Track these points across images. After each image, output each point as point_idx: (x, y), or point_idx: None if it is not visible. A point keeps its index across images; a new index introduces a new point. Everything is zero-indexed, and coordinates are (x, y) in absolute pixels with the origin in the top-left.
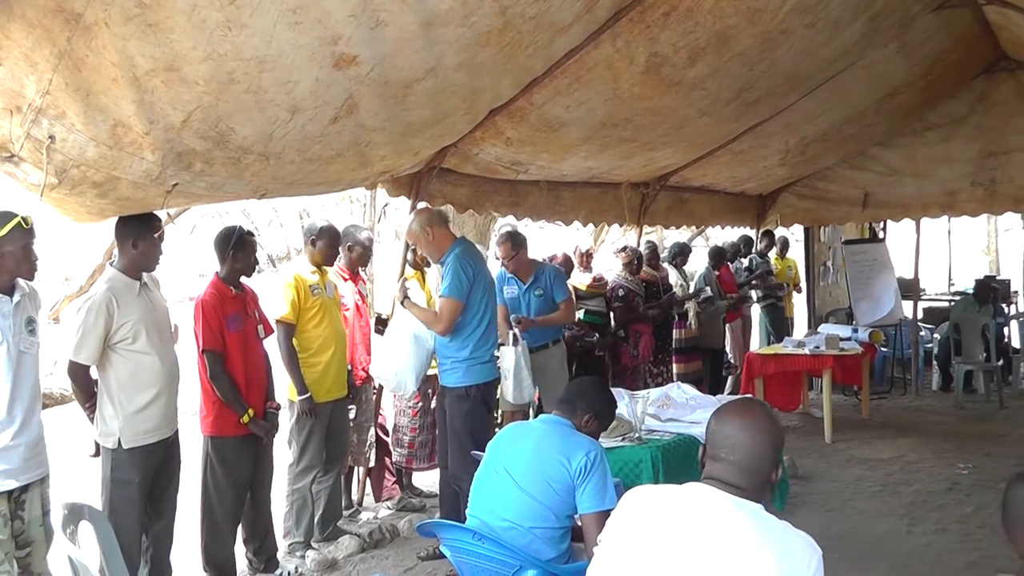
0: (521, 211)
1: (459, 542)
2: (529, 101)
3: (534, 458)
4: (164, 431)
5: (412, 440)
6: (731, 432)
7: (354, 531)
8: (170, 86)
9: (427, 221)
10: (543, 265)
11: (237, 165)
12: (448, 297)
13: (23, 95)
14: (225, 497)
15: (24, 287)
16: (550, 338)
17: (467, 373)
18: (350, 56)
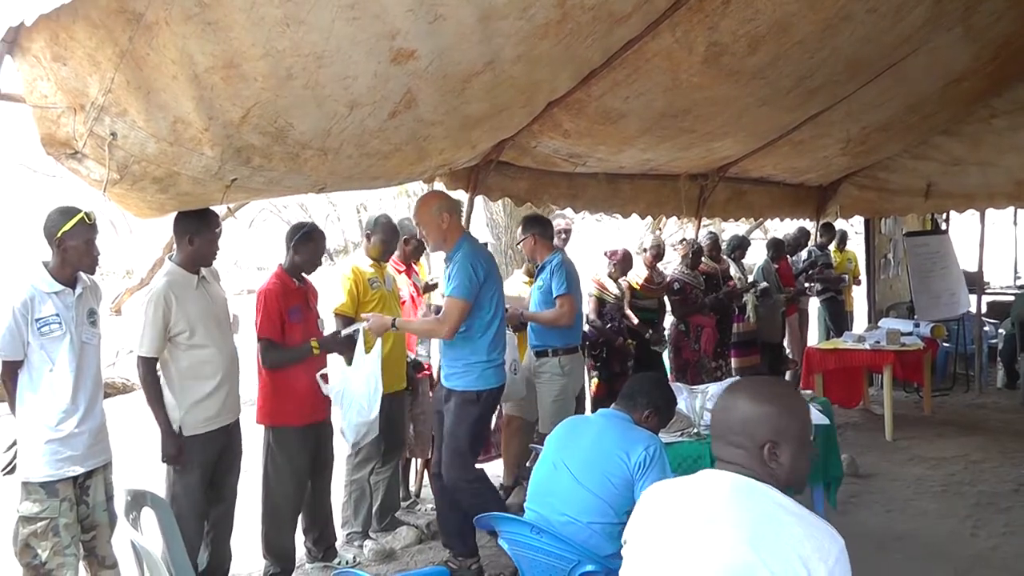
0: (579, 204)
1: (517, 536)
2: (587, 93)
3: (593, 452)
4: (225, 418)
5: None
6: (720, 415)
7: (412, 522)
8: (229, 83)
9: (444, 207)
10: (553, 254)
11: (295, 160)
12: (456, 298)
13: (86, 93)
14: (284, 486)
15: (85, 280)
16: (549, 344)
17: (481, 377)
18: (408, 51)
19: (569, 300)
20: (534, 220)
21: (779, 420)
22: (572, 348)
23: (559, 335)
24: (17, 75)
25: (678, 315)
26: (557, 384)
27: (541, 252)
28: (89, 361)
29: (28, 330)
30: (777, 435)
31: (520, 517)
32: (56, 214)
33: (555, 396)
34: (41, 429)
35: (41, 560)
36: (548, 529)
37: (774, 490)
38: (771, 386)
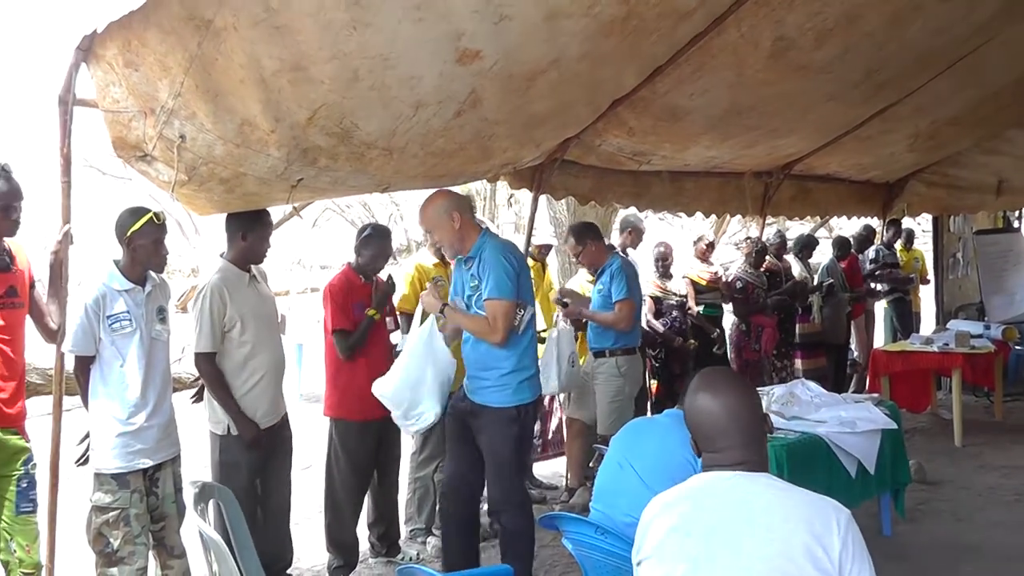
0: (643, 202)
1: (581, 536)
2: (652, 90)
3: (659, 454)
4: (270, 418)
5: None
6: (710, 418)
7: None
8: (296, 85)
9: (453, 206)
10: (613, 258)
11: (361, 160)
12: (498, 299)
13: (156, 98)
14: (347, 479)
15: (155, 278)
16: (606, 345)
17: (518, 390)
18: (473, 51)
19: (628, 305)
20: (586, 228)
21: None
22: (630, 349)
23: (617, 336)
24: (91, 81)
25: (739, 314)
26: (614, 385)
27: (600, 257)
28: (158, 357)
29: (100, 327)
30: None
31: (584, 517)
32: (126, 214)
33: (612, 397)
34: (113, 423)
35: (113, 548)
36: (613, 530)
37: (771, 477)
38: (725, 376)
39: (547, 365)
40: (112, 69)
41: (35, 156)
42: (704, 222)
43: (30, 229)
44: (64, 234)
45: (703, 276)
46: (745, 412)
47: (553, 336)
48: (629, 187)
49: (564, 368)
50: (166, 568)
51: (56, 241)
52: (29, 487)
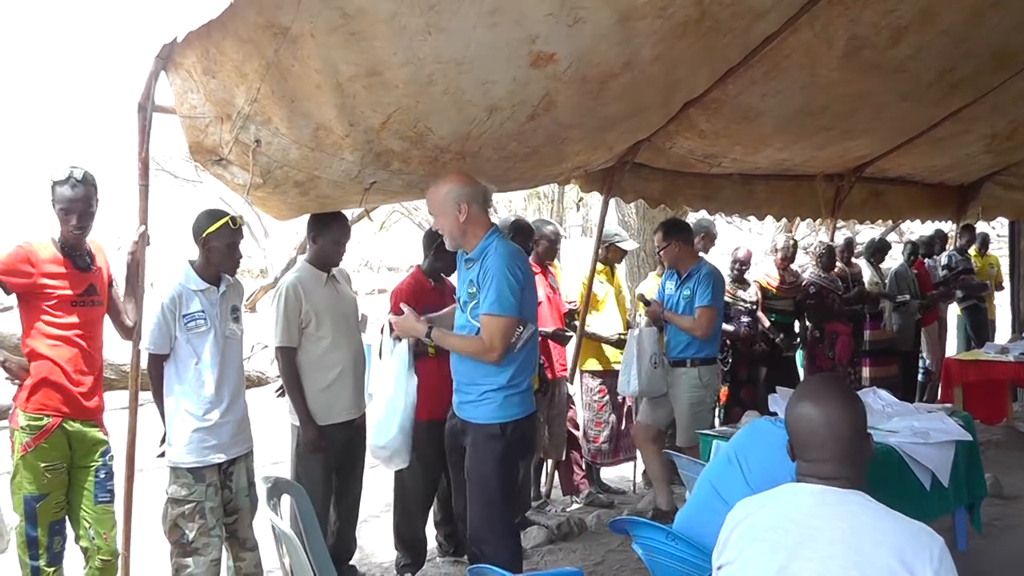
0: (713, 205)
1: (652, 541)
2: (724, 92)
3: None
4: (349, 413)
5: (597, 435)
6: (809, 426)
7: (542, 522)
8: (371, 90)
9: (464, 196)
10: (702, 263)
11: (434, 163)
12: (498, 316)
13: (233, 104)
14: (416, 478)
15: (228, 278)
16: (687, 354)
17: (504, 405)
18: (548, 54)
19: (709, 313)
20: (677, 226)
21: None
22: (710, 360)
23: (699, 346)
24: (169, 88)
25: (813, 320)
26: (696, 396)
27: (685, 260)
28: (232, 355)
29: (175, 325)
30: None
31: (655, 522)
32: (204, 216)
33: (693, 408)
34: (188, 419)
35: (188, 539)
36: (684, 535)
37: (864, 495)
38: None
39: (627, 365)
40: (190, 76)
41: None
42: (773, 226)
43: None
44: (140, 235)
45: (771, 283)
46: (845, 425)
47: (634, 335)
48: (699, 190)
49: (645, 369)
50: (239, 560)
51: (133, 242)
52: (107, 478)
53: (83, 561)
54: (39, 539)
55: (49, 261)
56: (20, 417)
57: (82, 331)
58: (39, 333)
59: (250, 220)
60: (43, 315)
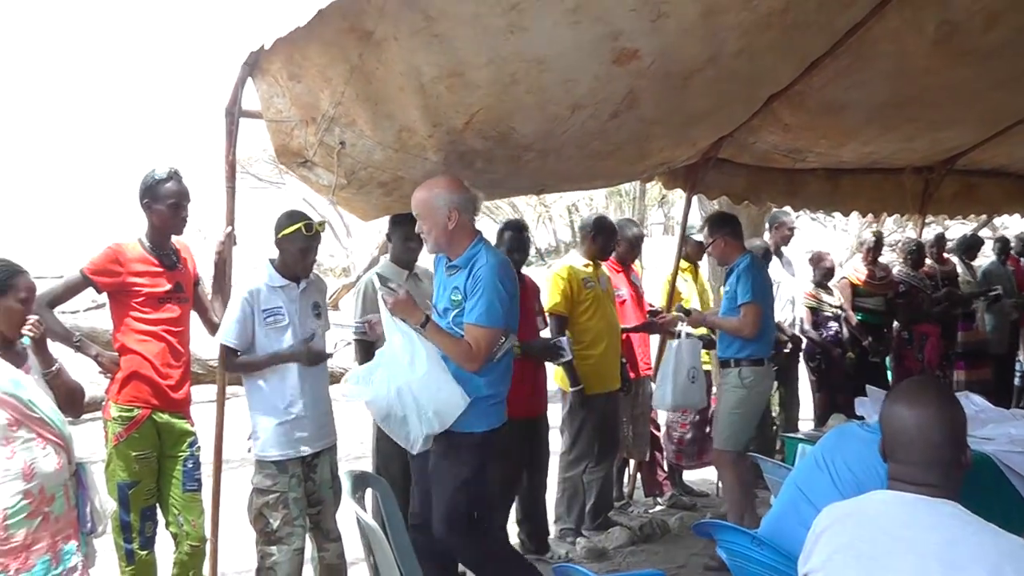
0: (798, 201)
1: (737, 546)
2: (808, 84)
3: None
4: None
5: (681, 436)
6: (901, 426)
7: (624, 523)
8: (454, 91)
9: (455, 203)
10: (742, 257)
11: (517, 163)
12: (486, 327)
13: (318, 107)
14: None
15: (313, 276)
16: (731, 354)
17: (478, 415)
18: (631, 51)
19: (753, 310)
20: (723, 220)
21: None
22: (757, 360)
23: (742, 345)
24: (255, 94)
25: (903, 321)
26: (735, 397)
27: (731, 254)
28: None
29: (256, 321)
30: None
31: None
32: (283, 217)
33: (731, 409)
34: (272, 413)
35: (272, 528)
36: (770, 541)
37: (958, 506)
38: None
39: (664, 378)
40: (276, 82)
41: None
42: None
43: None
44: (227, 235)
45: (861, 278)
46: (937, 431)
47: (673, 346)
48: (783, 185)
49: (681, 383)
50: (322, 550)
51: (219, 242)
52: (194, 467)
53: (173, 545)
54: (132, 523)
55: (137, 260)
56: (112, 408)
57: (169, 327)
58: (128, 329)
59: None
60: (132, 312)
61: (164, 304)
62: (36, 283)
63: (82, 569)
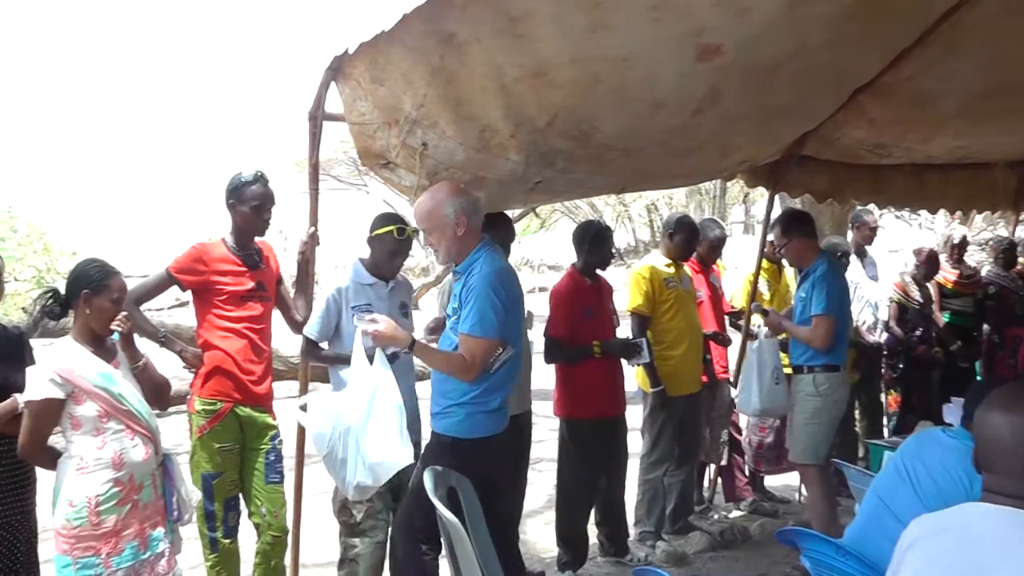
0: (883, 199)
1: (822, 555)
2: (896, 76)
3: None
4: (512, 409)
5: (760, 441)
6: (996, 435)
7: (705, 528)
8: (536, 90)
9: (462, 208)
10: (819, 261)
11: (599, 162)
12: (479, 338)
13: (400, 109)
14: (577, 477)
15: (399, 277)
16: (805, 360)
17: (465, 421)
18: (714, 46)
19: (826, 323)
20: (796, 219)
21: None
22: (832, 367)
23: (816, 352)
24: (338, 97)
25: (992, 323)
26: (810, 405)
27: (806, 256)
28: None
29: (344, 316)
30: None
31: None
32: (379, 218)
33: (806, 420)
34: None
35: (355, 520)
36: (855, 551)
37: None
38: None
39: (747, 381)
40: (359, 85)
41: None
42: (944, 220)
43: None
44: (311, 236)
45: (949, 278)
46: None
47: (754, 347)
48: (868, 182)
49: (767, 385)
50: None
51: (302, 242)
52: (276, 460)
53: (255, 535)
54: (216, 513)
55: (220, 260)
56: (196, 402)
57: (251, 324)
58: (211, 326)
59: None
60: (215, 309)
61: (246, 302)
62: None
63: (168, 555)
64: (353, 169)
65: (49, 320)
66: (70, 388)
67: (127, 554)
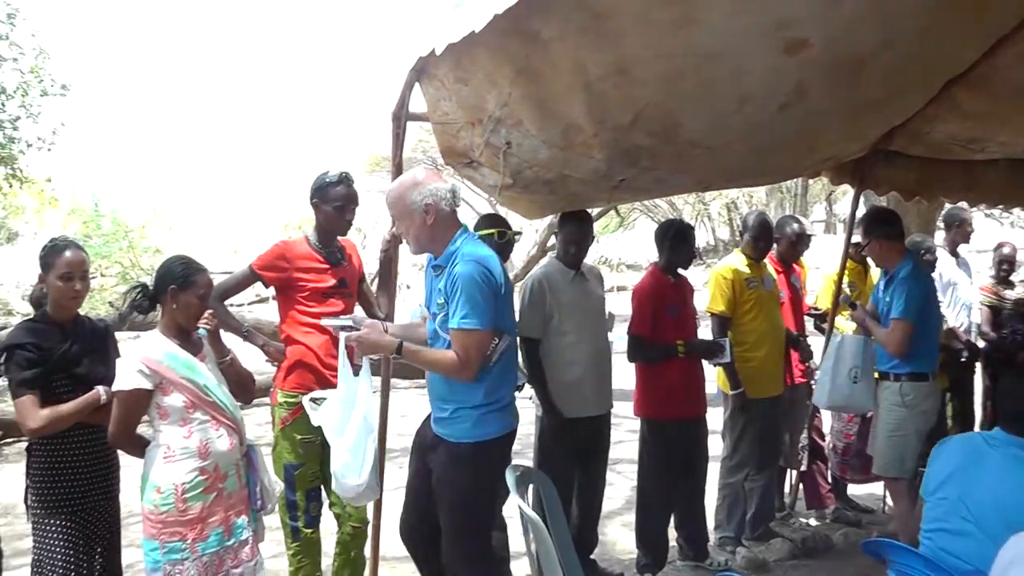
0: (975, 196)
1: (911, 569)
2: (992, 65)
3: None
4: (591, 409)
5: (847, 447)
6: None
7: (786, 535)
8: (620, 88)
9: (433, 195)
10: (904, 263)
11: (683, 159)
12: (470, 330)
13: (484, 108)
14: (657, 479)
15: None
16: (891, 367)
17: (479, 423)
18: (801, 40)
19: (903, 328)
20: (881, 218)
21: None
22: (918, 376)
23: (902, 357)
24: (422, 98)
25: None
26: (893, 416)
27: (891, 257)
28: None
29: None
30: None
31: (914, 548)
32: (483, 219)
33: (891, 431)
34: None
35: None
36: (944, 566)
37: None
38: None
39: (823, 374)
40: (443, 86)
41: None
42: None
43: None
44: (393, 235)
45: None
46: None
47: (835, 342)
48: (959, 179)
49: (840, 382)
50: None
51: (385, 240)
52: None
53: (335, 526)
54: (298, 503)
55: (303, 257)
56: (278, 395)
57: None
58: (294, 321)
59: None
60: (297, 305)
61: (328, 298)
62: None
63: (252, 543)
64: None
65: (137, 314)
66: (157, 379)
67: (212, 540)
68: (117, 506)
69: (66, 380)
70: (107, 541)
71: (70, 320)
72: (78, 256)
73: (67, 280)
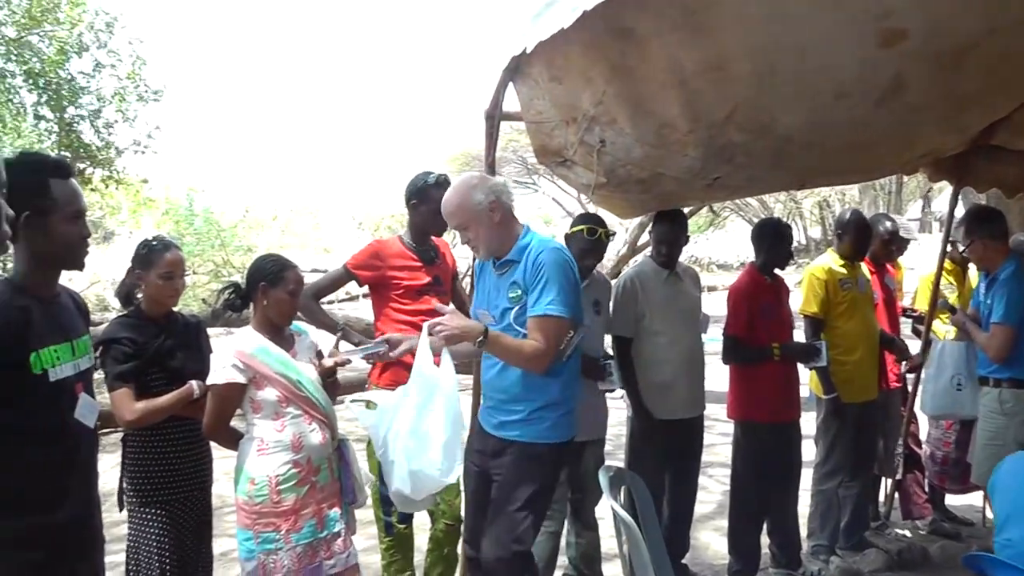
0: None
1: None
2: None
3: None
4: (683, 411)
5: (945, 456)
6: None
7: (882, 545)
8: (715, 84)
9: (493, 193)
10: (1007, 263)
11: (778, 156)
12: (555, 316)
13: (578, 107)
14: (750, 483)
15: (594, 274)
16: (991, 371)
17: (555, 426)
18: (899, 30)
19: (1004, 332)
20: (983, 217)
21: None
22: (1021, 382)
23: (1004, 363)
24: (516, 97)
25: None
26: (993, 424)
27: (993, 258)
28: (590, 346)
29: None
30: None
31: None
32: (578, 217)
33: (989, 439)
34: None
35: None
36: None
37: None
38: None
39: (926, 380)
40: (537, 85)
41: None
42: None
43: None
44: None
45: None
46: None
47: (937, 348)
48: None
49: (941, 389)
50: (580, 537)
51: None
52: None
53: (429, 522)
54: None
55: (397, 255)
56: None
57: (427, 317)
58: (388, 319)
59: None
60: (392, 303)
61: (422, 296)
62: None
63: (344, 535)
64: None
65: (231, 312)
66: (251, 373)
67: (306, 531)
68: (209, 497)
69: (160, 374)
70: (199, 531)
71: (164, 316)
72: (178, 256)
73: (168, 279)
